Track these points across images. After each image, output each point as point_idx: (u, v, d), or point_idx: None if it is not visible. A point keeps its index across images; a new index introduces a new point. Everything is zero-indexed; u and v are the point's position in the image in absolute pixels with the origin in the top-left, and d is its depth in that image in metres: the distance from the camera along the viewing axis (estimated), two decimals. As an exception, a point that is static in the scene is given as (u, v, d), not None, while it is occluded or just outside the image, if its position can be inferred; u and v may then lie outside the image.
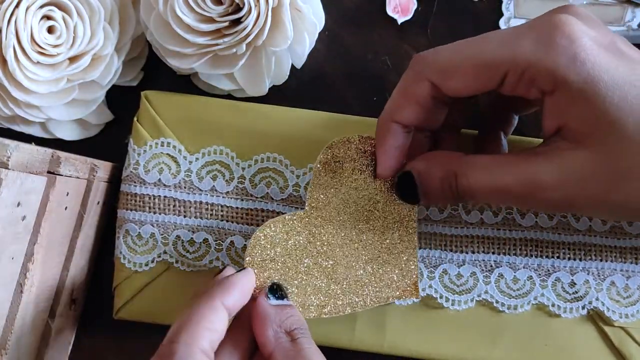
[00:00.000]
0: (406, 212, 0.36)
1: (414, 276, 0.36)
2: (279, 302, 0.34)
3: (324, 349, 0.38)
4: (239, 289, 0.33)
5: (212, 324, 0.30)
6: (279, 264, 0.36)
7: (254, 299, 0.34)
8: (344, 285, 0.36)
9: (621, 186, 0.28)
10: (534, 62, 0.28)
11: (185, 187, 0.39)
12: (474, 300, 0.38)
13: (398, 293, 0.36)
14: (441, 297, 0.38)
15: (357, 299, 0.36)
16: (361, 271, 0.36)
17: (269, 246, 0.36)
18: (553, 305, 0.38)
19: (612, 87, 0.27)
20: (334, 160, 0.36)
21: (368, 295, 0.36)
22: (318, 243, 0.36)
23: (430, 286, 0.38)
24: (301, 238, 0.36)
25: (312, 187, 0.36)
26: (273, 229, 0.36)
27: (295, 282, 0.36)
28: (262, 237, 0.36)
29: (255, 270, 0.35)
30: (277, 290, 0.34)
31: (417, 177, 0.33)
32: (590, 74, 0.28)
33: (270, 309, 0.33)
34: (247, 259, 0.35)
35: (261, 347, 0.32)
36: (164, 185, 0.39)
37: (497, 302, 0.38)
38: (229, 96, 0.42)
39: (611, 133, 0.28)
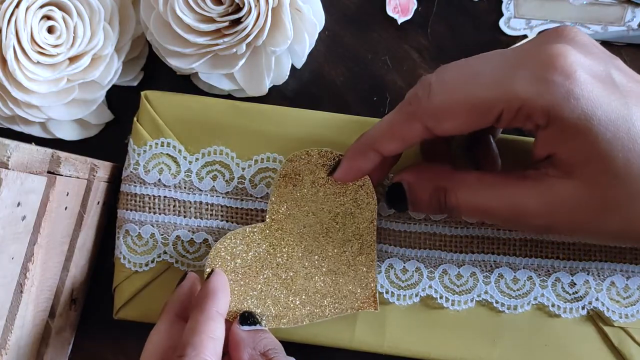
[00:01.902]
0: (365, 225, 0.37)
1: (373, 288, 0.37)
2: (251, 327, 0.35)
3: (324, 349, 0.39)
4: (222, 291, 0.35)
5: (214, 333, 0.32)
6: (239, 275, 0.36)
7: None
8: (303, 297, 0.37)
9: (605, 217, 0.29)
10: (529, 101, 0.29)
11: (185, 188, 0.39)
12: (474, 301, 0.38)
13: (357, 305, 0.37)
14: (441, 297, 0.38)
15: (316, 310, 0.37)
16: (320, 283, 0.37)
17: (229, 258, 0.36)
18: (553, 305, 0.38)
19: (605, 123, 0.28)
20: (294, 173, 0.37)
21: (327, 307, 0.37)
22: (278, 255, 0.37)
23: (430, 286, 0.38)
24: (261, 250, 0.37)
25: (273, 200, 0.37)
26: (233, 240, 0.37)
27: (255, 293, 0.36)
28: (222, 249, 0.36)
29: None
30: (248, 318, 0.35)
31: (407, 188, 0.34)
32: (583, 111, 0.28)
33: (243, 333, 0.34)
34: (207, 270, 0.36)
35: None
36: (164, 185, 0.39)
37: (497, 302, 0.38)
38: (229, 96, 0.42)
39: (601, 167, 0.28)
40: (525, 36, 0.42)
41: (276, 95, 0.42)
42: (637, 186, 0.28)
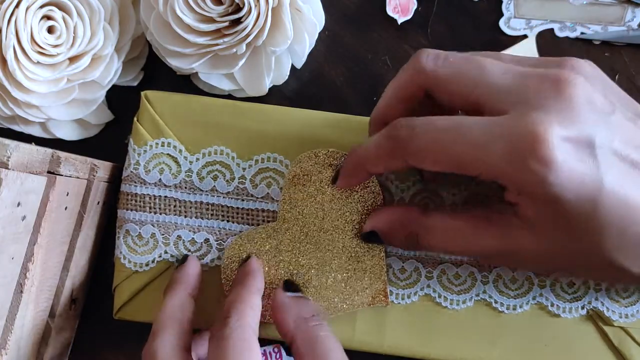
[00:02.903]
0: None
1: (383, 283, 0.38)
2: (295, 294, 0.36)
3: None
4: (259, 270, 0.37)
5: (254, 305, 0.34)
6: None
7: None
8: (315, 293, 0.38)
9: (565, 267, 0.32)
10: (504, 176, 0.29)
11: (185, 187, 0.39)
12: (473, 300, 0.38)
13: (368, 300, 0.38)
14: (439, 296, 0.38)
15: (329, 306, 0.38)
16: (331, 280, 0.38)
17: (243, 256, 0.38)
18: (552, 305, 0.38)
19: (576, 205, 0.28)
20: (303, 174, 0.38)
21: (339, 303, 0.38)
22: (289, 253, 0.38)
23: (428, 286, 0.38)
24: (273, 249, 0.38)
25: (283, 200, 0.38)
26: (245, 241, 0.38)
27: (267, 291, 0.37)
28: (236, 248, 0.38)
29: (230, 284, 0.38)
30: (291, 285, 0.37)
31: (381, 235, 0.36)
32: (556, 195, 0.28)
33: (288, 299, 0.35)
34: (223, 275, 0.38)
35: (283, 335, 0.34)
36: (165, 185, 0.39)
37: (496, 302, 0.38)
38: (229, 96, 0.42)
39: (562, 231, 0.30)
40: (525, 36, 0.42)
41: (276, 95, 0.42)
42: (599, 257, 0.30)
